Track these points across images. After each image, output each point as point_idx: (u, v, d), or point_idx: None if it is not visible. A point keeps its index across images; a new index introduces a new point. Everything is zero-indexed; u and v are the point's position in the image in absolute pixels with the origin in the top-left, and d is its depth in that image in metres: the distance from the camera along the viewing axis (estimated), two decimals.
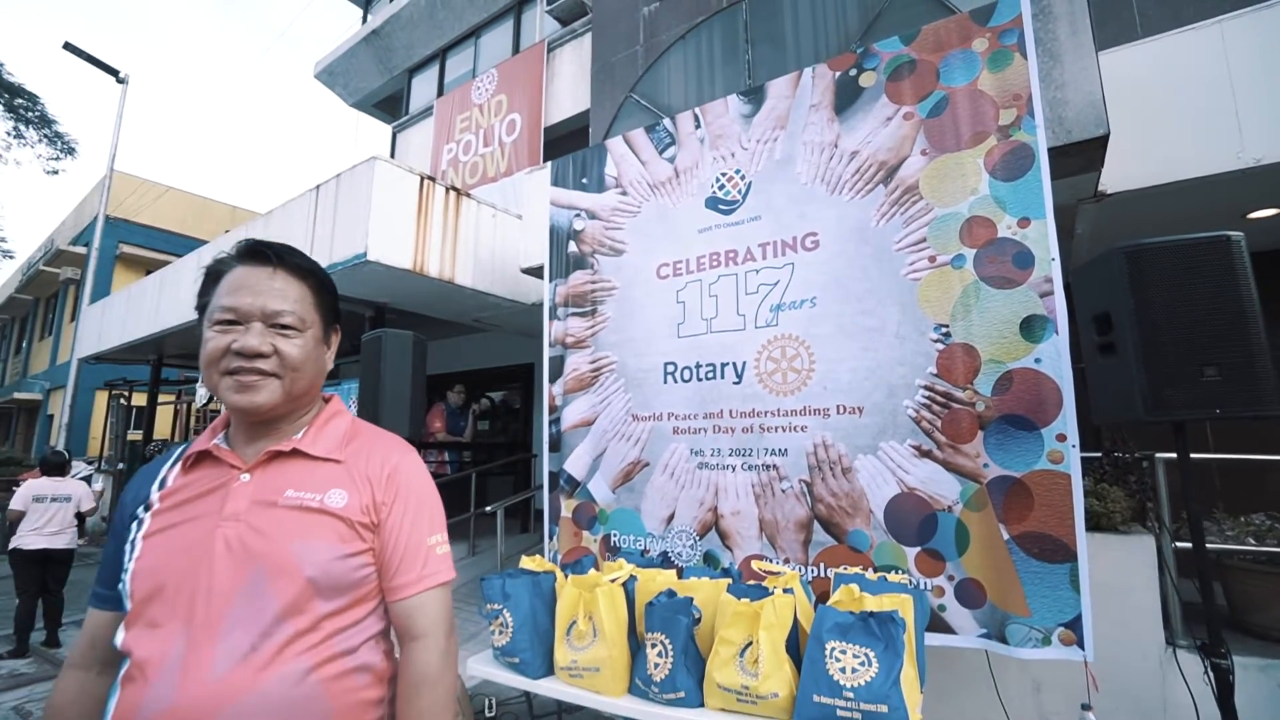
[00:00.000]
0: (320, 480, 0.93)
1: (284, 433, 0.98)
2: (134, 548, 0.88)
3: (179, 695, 0.77)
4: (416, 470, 1.01)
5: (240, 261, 0.96)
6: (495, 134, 9.52)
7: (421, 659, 0.90)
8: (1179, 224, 3.36)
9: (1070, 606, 2.19)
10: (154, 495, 0.93)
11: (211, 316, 0.94)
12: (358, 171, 4.12)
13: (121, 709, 0.80)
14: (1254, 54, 2.67)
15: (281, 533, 0.87)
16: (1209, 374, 1.65)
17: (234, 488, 0.91)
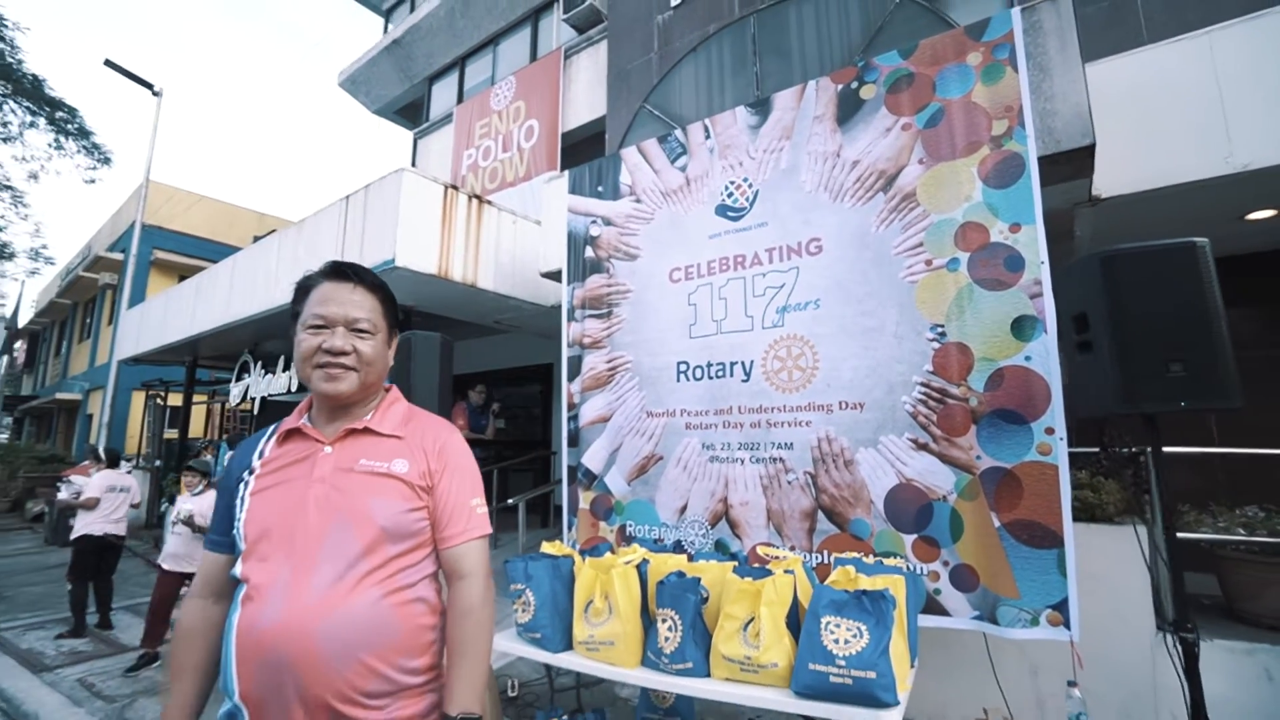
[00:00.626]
0: (386, 451, 1.15)
1: (356, 415, 1.20)
2: (243, 503, 1.11)
3: (286, 610, 0.99)
4: (461, 446, 1.22)
5: (326, 279, 1.19)
6: (514, 140, 9.76)
7: (466, 594, 1.11)
8: (1178, 225, 3.45)
9: (1057, 590, 2.32)
10: (255, 463, 1.16)
11: (305, 322, 1.17)
12: (386, 182, 4.36)
13: (244, 621, 1.01)
14: (1241, 63, 2.77)
15: (359, 492, 1.09)
16: (1175, 370, 1.78)
17: (319, 457, 1.13)
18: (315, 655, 0.97)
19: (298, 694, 0.97)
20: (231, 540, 1.11)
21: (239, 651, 0.99)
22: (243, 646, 1.00)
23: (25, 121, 13.67)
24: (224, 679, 1.02)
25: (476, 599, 1.10)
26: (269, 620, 0.99)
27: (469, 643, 1.07)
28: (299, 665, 0.97)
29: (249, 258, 6.01)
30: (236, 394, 7.46)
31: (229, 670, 1.00)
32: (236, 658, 0.99)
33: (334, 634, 0.99)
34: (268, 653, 0.97)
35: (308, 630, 0.98)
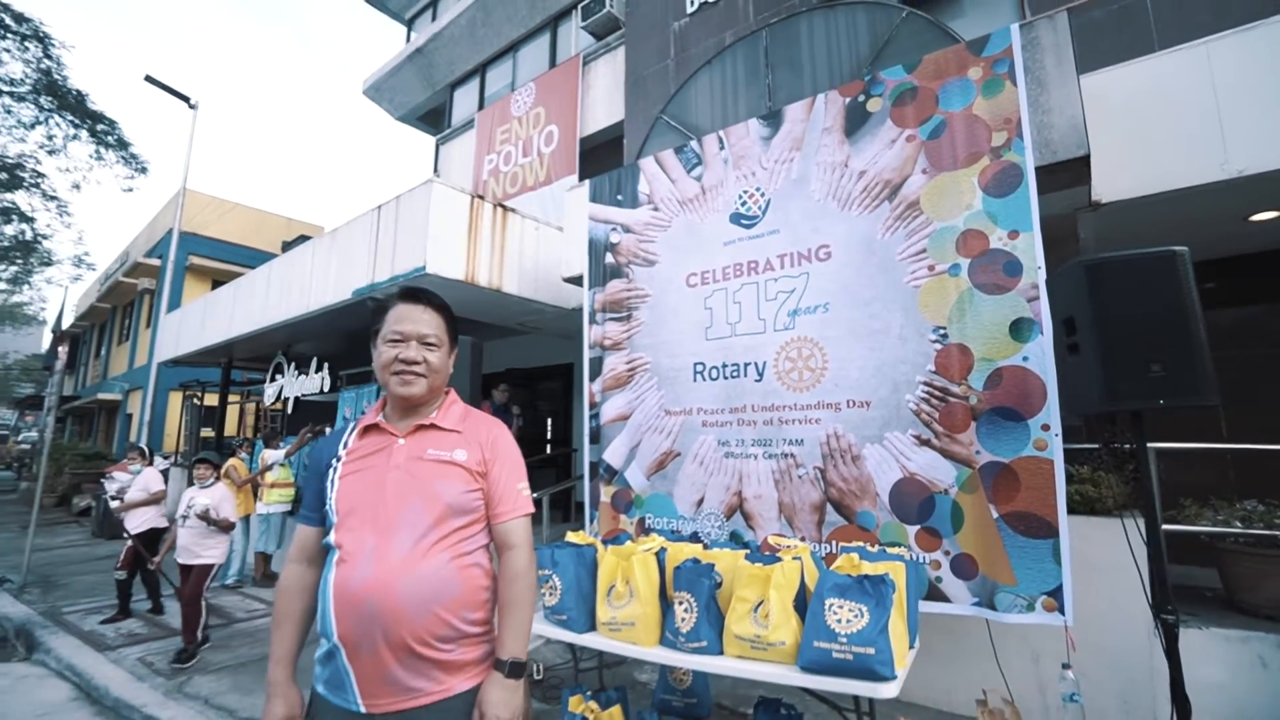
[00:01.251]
0: (449, 443, 1.37)
1: (423, 413, 1.41)
2: (334, 485, 1.33)
3: (374, 571, 1.21)
4: (508, 439, 1.44)
5: (401, 301, 1.41)
6: (534, 145, 10.00)
7: (514, 561, 1.32)
8: (1181, 227, 3.54)
9: (1052, 577, 2.46)
10: (341, 452, 1.38)
11: (385, 337, 1.40)
12: (416, 193, 4.60)
13: (339, 579, 1.23)
14: (1237, 73, 2.86)
15: (428, 476, 1.31)
16: (1155, 369, 1.92)
17: (395, 448, 1.35)
18: (398, 606, 1.19)
19: (384, 637, 1.18)
20: (323, 515, 1.33)
21: (336, 603, 1.21)
22: (339, 599, 1.21)
23: (69, 134, 14.30)
24: (323, 624, 1.23)
25: (523, 565, 1.31)
26: (361, 578, 1.21)
27: (518, 601, 1.27)
28: (386, 614, 1.18)
29: (285, 265, 6.32)
30: (271, 394, 7.79)
31: (328, 617, 1.21)
32: (335, 608, 1.21)
33: (412, 590, 1.20)
34: (361, 604, 1.18)
35: (392, 587, 1.20)
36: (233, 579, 6.39)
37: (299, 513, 1.42)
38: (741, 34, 7.07)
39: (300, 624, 1.32)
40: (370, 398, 6.21)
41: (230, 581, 6.33)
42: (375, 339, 1.44)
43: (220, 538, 4.50)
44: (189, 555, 4.36)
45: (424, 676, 1.21)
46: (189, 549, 4.37)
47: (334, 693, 1.22)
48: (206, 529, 4.38)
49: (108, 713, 3.60)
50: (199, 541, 4.38)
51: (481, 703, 1.21)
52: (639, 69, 8.17)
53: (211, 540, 4.43)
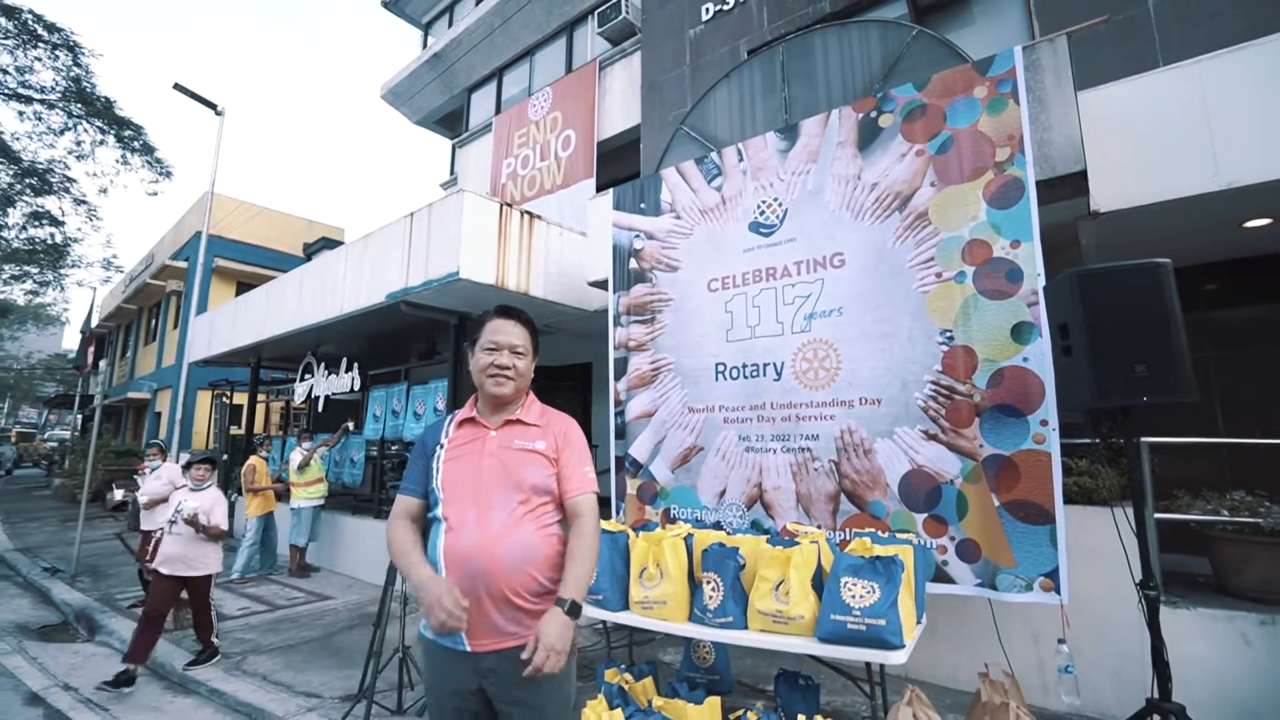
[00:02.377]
0: (531, 435, 1.63)
1: (510, 410, 1.67)
2: (439, 469, 1.60)
3: (477, 537, 1.48)
4: (577, 431, 1.71)
5: (496, 315, 1.68)
6: (551, 149, 10.25)
7: (582, 525, 1.56)
8: (1177, 234, 3.73)
9: (1049, 560, 2.69)
10: (444, 439, 1.65)
11: (482, 345, 1.67)
12: (449, 201, 4.86)
13: (448, 544, 1.49)
14: (1227, 90, 3.04)
15: (515, 463, 1.58)
16: (1139, 370, 2.13)
17: (488, 439, 1.62)
18: (499, 565, 1.45)
19: (487, 590, 1.45)
20: (427, 491, 1.60)
21: (448, 563, 1.47)
22: (450, 560, 1.47)
23: (96, 140, 14.73)
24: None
25: (588, 528, 1.55)
26: (467, 543, 1.48)
27: (581, 555, 1.51)
28: (489, 572, 1.45)
29: (317, 269, 6.61)
30: (301, 393, 8.11)
31: (439, 572, 1.48)
32: (446, 567, 1.47)
33: (508, 553, 1.47)
34: (468, 563, 1.45)
35: (493, 550, 1.46)
36: (237, 574, 6.43)
37: (401, 485, 1.66)
38: (755, 42, 7.27)
39: (421, 548, 1.56)
40: (400, 396, 6.51)
41: (234, 578, 6.37)
42: (473, 347, 1.71)
43: (214, 546, 4.17)
44: (183, 566, 3.99)
45: (516, 623, 1.47)
46: (183, 559, 3.99)
47: (443, 637, 1.48)
48: (194, 536, 4.02)
49: (175, 687, 3.90)
50: (192, 550, 4.02)
51: (540, 631, 1.40)
52: (655, 74, 8.39)
53: (205, 547, 4.11)
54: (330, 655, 4.26)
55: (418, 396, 6.18)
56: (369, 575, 6.32)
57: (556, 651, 1.36)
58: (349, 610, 5.37)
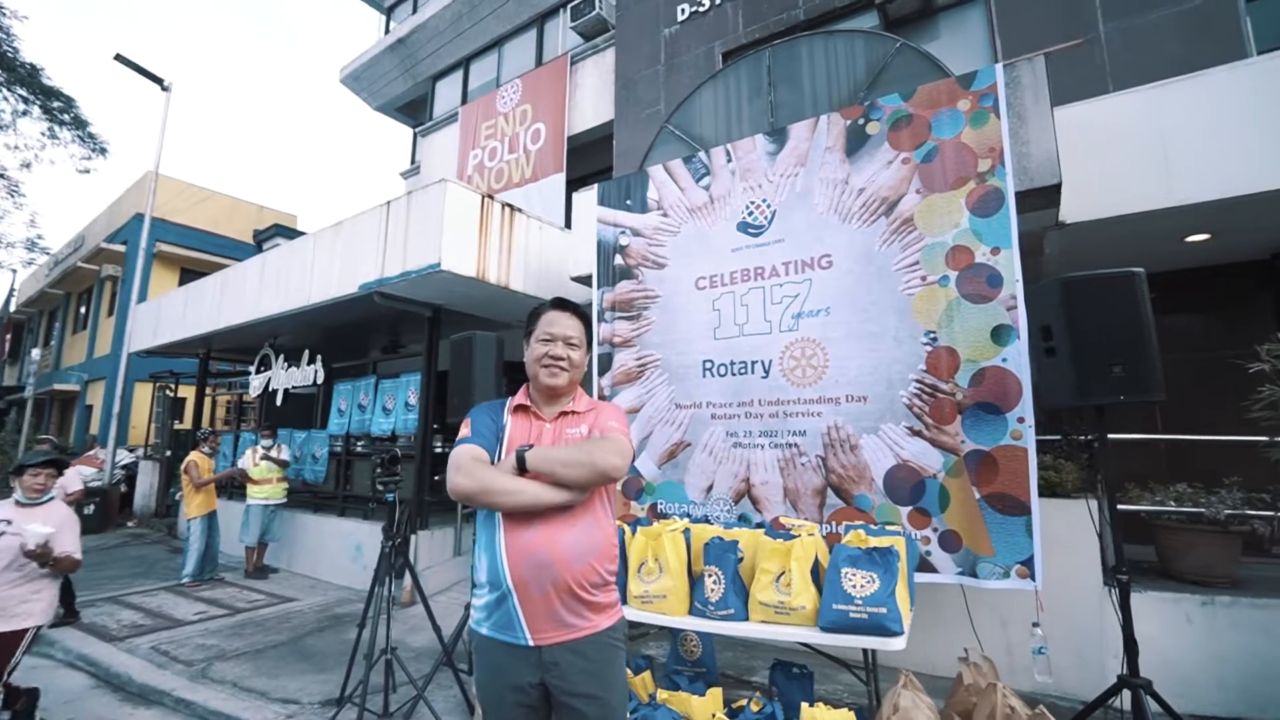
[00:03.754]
0: (578, 422, 1.65)
1: (563, 401, 1.68)
2: (502, 440, 1.59)
3: (539, 528, 1.48)
4: (615, 407, 1.73)
5: (552, 308, 1.69)
6: (520, 142, 10.12)
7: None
8: (1129, 245, 4.01)
9: (1025, 549, 2.86)
10: (507, 422, 1.64)
11: (537, 336, 1.67)
12: (430, 191, 4.74)
13: (510, 535, 1.49)
14: (1180, 115, 3.30)
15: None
16: (1116, 371, 2.30)
17: (546, 428, 1.63)
18: (564, 557, 1.45)
19: (551, 581, 1.44)
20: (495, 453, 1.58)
21: (510, 554, 1.45)
22: (513, 551, 1.46)
23: (18, 110, 13.64)
24: (493, 574, 1.47)
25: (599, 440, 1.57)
26: (530, 535, 1.47)
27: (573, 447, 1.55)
28: (554, 563, 1.44)
29: (281, 257, 6.34)
30: (257, 385, 7.77)
31: (500, 567, 1.46)
32: (508, 558, 1.45)
33: (572, 544, 1.47)
34: (532, 554, 1.44)
35: (557, 541, 1.46)
36: (186, 579, 6.08)
37: (468, 437, 1.59)
38: (730, 45, 7.38)
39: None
40: (368, 390, 6.32)
41: (185, 582, 6.04)
42: (528, 338, 1.71)
43: (50, 584, 2.98)
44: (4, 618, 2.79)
45: (578, 615, 1.47)
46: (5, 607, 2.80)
47: (502, 631, 1.47)
48: (35, 573, 2.87)
49: (134, 698, 3.70)
50: (18, 592, 2.84)
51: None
52: (629, 72, 8.39)
53: (37, 587, 2.90)
54: (303, 659, 4.12)
55: (387, 390, 6.02)
56: (333, 575, 6.12)
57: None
58: (316, 612, 5.19)
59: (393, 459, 3.11)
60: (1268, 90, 3.17)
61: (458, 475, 1.49)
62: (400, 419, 5.72)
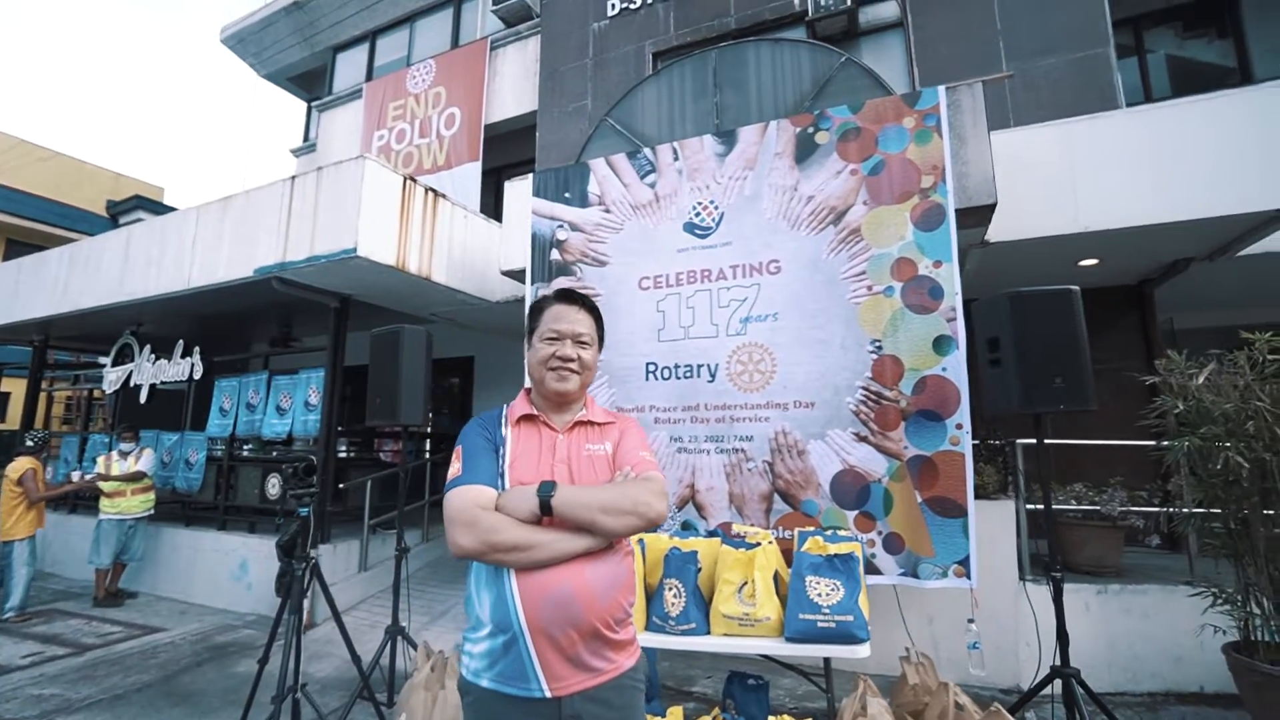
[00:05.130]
0: (599, 436, 1.44)
1: (574, 409, 1.46)
2: (504, 463, 1.35)
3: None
4: (636, 424, 1.53)
5: (557, 302, 1.46)
6: (432, 126, 9.52)
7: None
8: (1033, 266, 4.38)
9: (962, 549, 2.99)
10: (508, 434, 1.40)
11: (542, 335, 1.44)
12: (345, 169, 4.26)
13: (525, 570, 1.25)
14: (1088, 149, 3.66)
15: (587, 469, 1.38)
16: (1057, 382, 2.44)
17: (560, 440, 1.40)
18: (589, 592, 1.24)
19: (574, 622, 1.22)
20: (498, 481, 1.33)
21: (524, 593, 1.22)
22: (528, 589, 1.22)
23: None
24: (501, 616, 1.23)
25: (641, 482, 1.34)
26: (550, 569, 1.24)
27: (609, 486, 1.33)
28: (578, 600, 1.23)
29: (152, 233, 5.46)
30: (115, 380, 6.69)
31: (512, 608, 1.22)
32: (522, 597, 1.22)
33: (599, 576, 1.27)
34: (553, 592, 1.22)
35: (583, 574, 1.25)
36: (11, 613, 5.00)
37: (460, 477, 1.32)
38: (661, 46, 7.36)
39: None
40: (258, 387, 5.61)
41: (10, 616, 4.98)
42: (530, 337, 1.49)
43: None
44: None
45: (602, 657, 1.27)
46: None
47: (510, 683, 1.23)
48: None
49: None
50: None
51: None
52: (555, 63, 8.14)
53: None
54: (178, 702, 3.52)
55: (282, 388, 5.36)
56: (210, 598, 5.35)
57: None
58: (191, 643, 4.50)
59: (308, 467, 2.72)
60: (1157, 135, 3.57)
61: (459, 531, 1.23)
62: (299, 420, 5.10)
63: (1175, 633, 3.46)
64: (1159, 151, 3.51)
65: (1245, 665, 2.93)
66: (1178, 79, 6.48)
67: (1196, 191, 3.47)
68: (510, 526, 1.24)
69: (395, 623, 3.05)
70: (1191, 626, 3.39)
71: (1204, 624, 3.11)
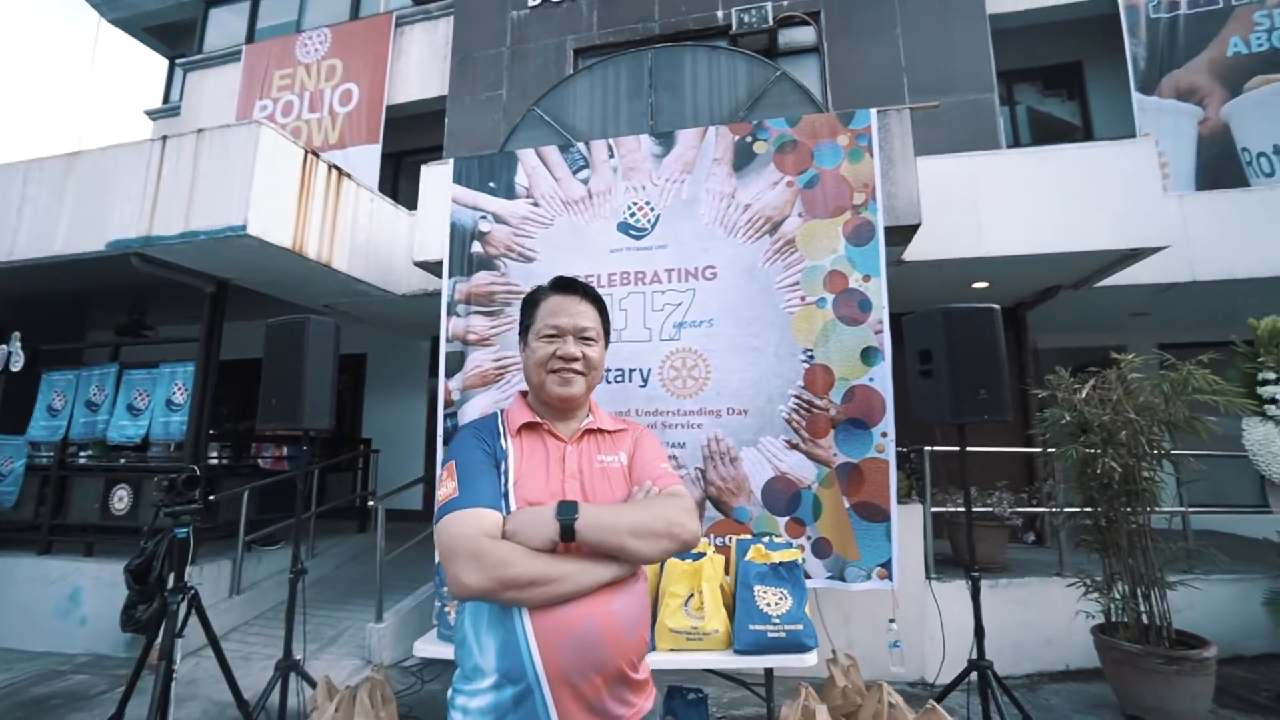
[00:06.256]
0: (611, 446, 1.28)
1: (578, 416, 1.28)
2: (508, 480, 1.15)
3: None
4: (649, 438, 1.36)
5: (555, 292, 1.26)
6: (325, 101, 8.71)
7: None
8: (931, 286, 4.73)
9: (885, 552, 3.11)
10: (509, 449, 1.20)
11: (539, 332, 1.25)
12: (234, 135, 3.68)
13: (541, 609, 1.05)
14: (989, 181, 4.02)
15: (603, 486, 1.21)
16: (982, 393, 2.61)
17: (568, 452, 1.22)
18: (616, 629, 1.06)
19: (597, 666, 1.05)
20: (503, 504, 1.13)
21: (541, 635, 1.02)
22: (546, 631, 1.03)
23: None
24: (512, 665, 1.01)
25: (668, 498, 1.20)
26: (570, 604, 1.05)
27: (641, 499, 1.18)
28: (604, 639, 1.05)
29: None
30: None
31: (526, 655, 1.01)
32: (539, 641, 1.01)
33: (625, 610, 1.09)
34: (576, 633, 1.03)
35: (610, 609, 1.07)
36: None
37: (457, 498, 1.11)
38: (583, 44, 7.23)
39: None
40: (104, 383, 4.74)
41: None
42: (524, 335, 1.30)
43: None
44: None
45: (625, 702, 1.10)
46: None
47: None
48: None
49: None
50: None
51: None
52: (468, 48, 7.74)
53: None
54: None
55: (138, 384, 4.56)
56: (28, 640, 4.40)
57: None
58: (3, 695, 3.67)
59: (190, 479, 2.27)
60: (1045, 175, 3.99)
61: (463, 566, 1.02)
62: (158, 421, 4.35)
63: (1048, 619, 3.85)
64: (1049, 189, 3.93)
65: (1109, 644, 3.30)
66: (1037, 130, 7.38)
67: (1075, 228, 3.91)
68: (525, 558, 1.04)
69: (288, 655, 2.64)
70: (1061, 612, 3.80)
71: (1078, 610, 3.49)
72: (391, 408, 7.60)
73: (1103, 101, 7.07)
